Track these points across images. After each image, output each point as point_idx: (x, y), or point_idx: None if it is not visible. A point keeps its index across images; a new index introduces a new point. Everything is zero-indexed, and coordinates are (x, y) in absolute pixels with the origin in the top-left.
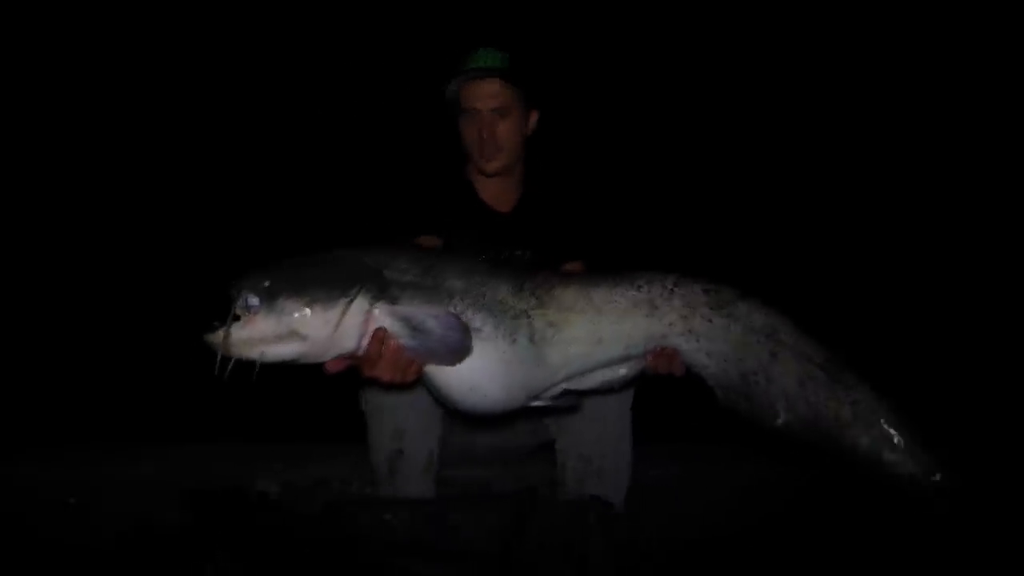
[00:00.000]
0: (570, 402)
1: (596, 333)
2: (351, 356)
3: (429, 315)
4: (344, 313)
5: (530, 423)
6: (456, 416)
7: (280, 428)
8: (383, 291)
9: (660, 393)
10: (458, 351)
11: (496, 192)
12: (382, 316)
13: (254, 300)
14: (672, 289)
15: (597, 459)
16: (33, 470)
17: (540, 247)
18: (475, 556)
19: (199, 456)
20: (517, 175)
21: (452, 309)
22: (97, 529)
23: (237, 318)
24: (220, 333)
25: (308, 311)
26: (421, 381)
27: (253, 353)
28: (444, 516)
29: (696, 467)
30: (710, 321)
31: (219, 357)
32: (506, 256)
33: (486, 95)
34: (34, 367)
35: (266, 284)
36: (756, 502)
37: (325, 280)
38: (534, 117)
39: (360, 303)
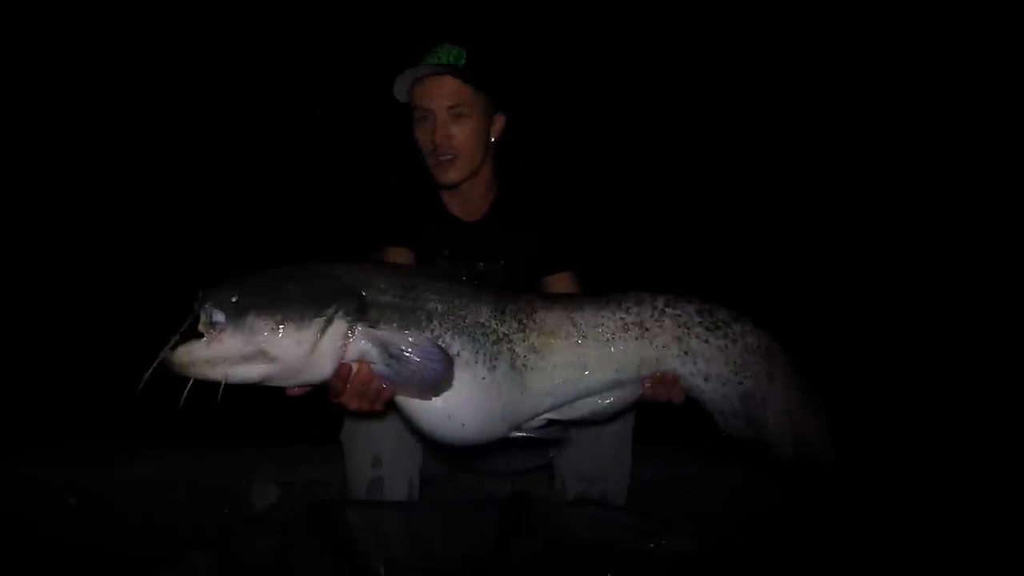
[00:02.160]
0: (557, 434)
1: (581, 359)
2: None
3: (409, 342)
4: (321, 334)
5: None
6: (433, 445)
7: (278, 429)
8: (363, 312)
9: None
10: (434, 384)
11: (463, 201)
12: (360, 339)
13: (219, 316)
14: (663, 310)
15: (600, 481)
16: (33, 470)
17: (510, 257)
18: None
19: (198, 457)
20: (483, 182)
21: (431, 332)
22: (97, 529)
23: (198, 334)
24: (176, 350)
25: (280, 330)
26: (395, 406)
27: (215, 374)
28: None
29: (694, 467)
30: (706, 342)
31: (151, 369)
32: (481, 269)
33: (440, 93)
34: (34, 367)
35: (233, 299)
36: (752, 502)
37: (299, 297)
38: (500, 123)
39: (338, 324)
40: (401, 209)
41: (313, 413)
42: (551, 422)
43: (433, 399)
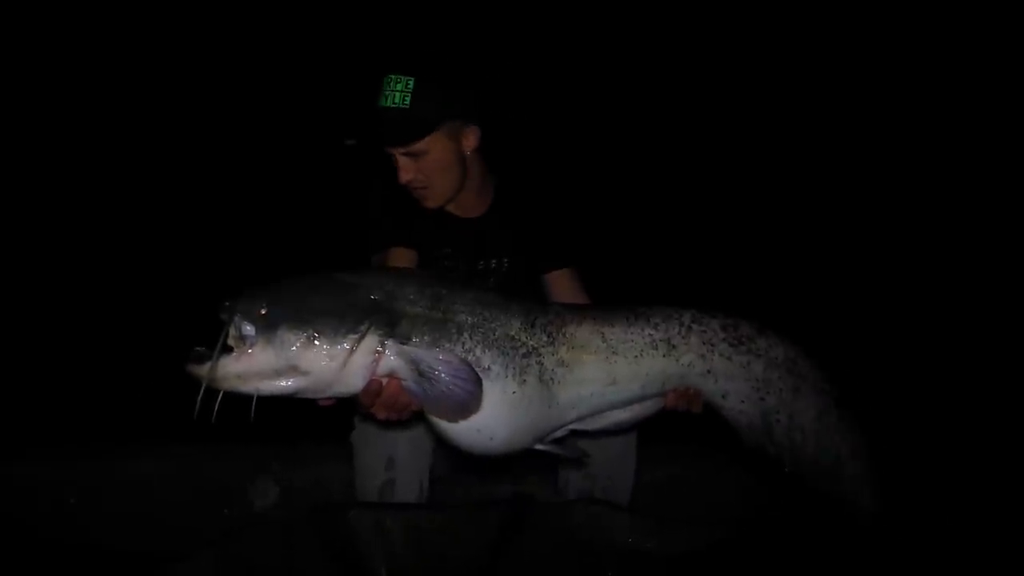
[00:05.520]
0: (574, 452)
1: (610, 374)
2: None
3: (439, 360)
4: (353, 349)
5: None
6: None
7: (278, 429)
8: (393, 326)
9: None
10: (462, 408)
11: (462, 201)
12: (391, 355)
13: (249, 329)
14: (689, 326)
15: (603, 478)
16: (33, 470)
17: (511, 254)
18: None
19: (198, 456)
20: (475, 187)
21: (462, 346)
22: (97, 529)
23: (229, 348)
24: (208, 365)
25: (313, 345)
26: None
27: (246, 388)
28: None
29: (696, 468)
30: (729, 359)
31: (202, 390)
32: (482, 267)
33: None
34: (34, 367)
35: (263, 311)
36: (755, 504)
37: (330, 310)
38: (471, 137)
39: (370, 340)
40: (401, 209)
41: (314, 413)
42: (572, 432)
43: None
